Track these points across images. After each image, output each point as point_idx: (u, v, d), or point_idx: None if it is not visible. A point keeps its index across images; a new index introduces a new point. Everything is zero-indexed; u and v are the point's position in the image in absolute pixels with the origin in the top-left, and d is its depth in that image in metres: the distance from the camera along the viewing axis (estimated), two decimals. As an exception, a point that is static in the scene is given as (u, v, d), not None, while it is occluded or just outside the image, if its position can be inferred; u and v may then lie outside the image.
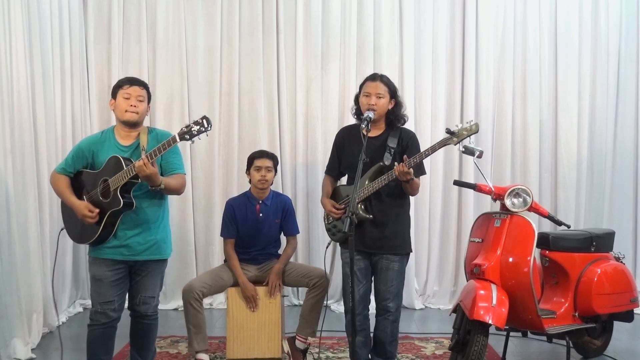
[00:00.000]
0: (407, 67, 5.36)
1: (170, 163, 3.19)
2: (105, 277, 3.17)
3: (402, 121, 3.47)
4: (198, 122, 2.87)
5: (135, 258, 3.19)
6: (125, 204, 3.05)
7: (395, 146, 3.37)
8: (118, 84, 3.21)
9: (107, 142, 3.21)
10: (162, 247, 3.27)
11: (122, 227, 3.15)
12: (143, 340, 3.36)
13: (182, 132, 2.88)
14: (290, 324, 4.34)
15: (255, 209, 4.07)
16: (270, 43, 5.38)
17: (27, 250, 4.20)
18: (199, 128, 2.86)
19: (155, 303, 3.32)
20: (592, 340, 3.97)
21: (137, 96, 3.15)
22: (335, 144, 3.62)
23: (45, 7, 4.53)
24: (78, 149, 3.26)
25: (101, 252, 3.18)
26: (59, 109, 4.78)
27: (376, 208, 3.37)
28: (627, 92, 5.45)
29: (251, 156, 4.11)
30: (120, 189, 3.04)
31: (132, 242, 3.16)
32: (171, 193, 3.23)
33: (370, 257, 3.44)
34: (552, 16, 5.40)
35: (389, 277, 3.39)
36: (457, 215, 5.45)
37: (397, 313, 3.46)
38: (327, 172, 3.67)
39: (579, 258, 3.77)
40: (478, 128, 3.21)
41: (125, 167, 3.01)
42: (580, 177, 5.44)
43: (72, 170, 3.24)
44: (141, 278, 3.25)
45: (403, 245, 3.46)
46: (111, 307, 3.18)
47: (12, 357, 3.90)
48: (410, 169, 3.18)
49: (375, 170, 3.33)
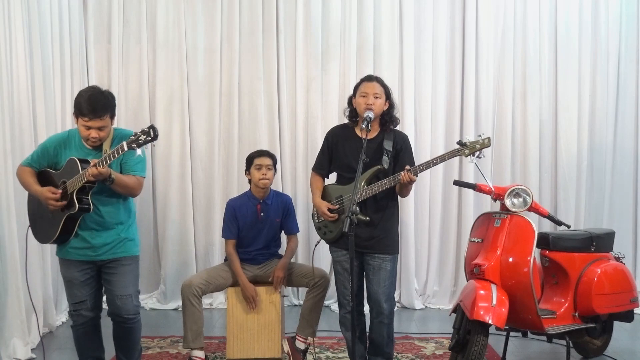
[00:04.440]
0: (407, 67, 5.36)
1: (128, 164, 3.19)
2: (75, 278, 3.20)
3: (395, 123, 3.46)
4: (145, 132, 2.90)
5: (101, 258, 3.20)
6: (80, 208, 3.05)
7: (391, 149, 3.37)
8: (78, 110, 3.04)
9: (72, 143, 3.20)
10: (128, 244, 3.26)
11: (85, 228, 3.16)
12: (127, 343, 3.35)
13: (130, 140, 2.91)
14: (290, 324, 4.34)
15: (257, 208, 4.07)
16: (270, 43, 5.37)
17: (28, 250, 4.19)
18: (145, 137, 2.90)
19: (135, 303, 3.28)
20: (592, 340, 3.97)
21: (98, 127, 3.07)
22: (326, 142, 3.58)
23: (45, 7, 4.53)
24: (44, 147, 3.25)
25: (68, 253, 3.21)
26: (59, 109, 4.77)
27: (370, 209, 3.36)
28: (627, 92, 5.45)
29: (250, 156, 4.11)
30: (77, 192, 3.04)
31: (96, 243, 3.18)
32: (123, 190, 3.16)
33: (361, 256, 3.41)
34: (552, 16, 5.40)
35: (381, 277, 3.37)
36: (457, 215, 5.44)
37: (391, 315, 3.44)
38: (315, 169, 3.63)
39: (579, 258, 3.78)
40: (490, 142, 3.25)
41: (81, 170, 3.01)
42: (580, 177, 5.44)
43: (38, 167, 3.24)
44: (112, 277, 3.23)
45: (392, 245, 3.45)
46: (84, 306, 3.22)
47: (12, 357, 3.90)
48: (415, 177, 3.22)
49: (373, 173, 3.33)
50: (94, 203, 3.11)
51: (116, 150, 2.94)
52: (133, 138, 2.91)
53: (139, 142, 2.89)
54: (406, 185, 3.27)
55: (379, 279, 3.37)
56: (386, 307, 3.39)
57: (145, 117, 5.34)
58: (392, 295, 3.45)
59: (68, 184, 3.08)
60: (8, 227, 3.96)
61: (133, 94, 5.39)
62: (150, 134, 2.89)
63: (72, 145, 3.19)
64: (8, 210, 3.97)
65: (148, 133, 2.89)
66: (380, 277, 3.37)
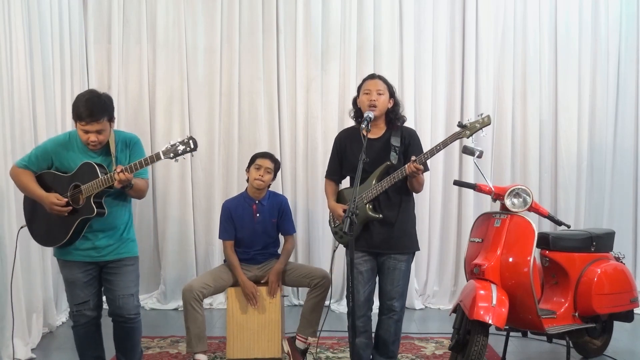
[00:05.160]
0: (407, 67, 5.36)
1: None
2: (78, 280, 3.21)
3: (401, 120, 3.47)
4: (184, 142, 2.91)
5: (105, 258, 3.21)
6: (99, 213, 3.08)
7: (399, 145, 3.37)
8: (76, 114, 3.02)
9: (74, 145, 3.17)
10: (130, 245, 3.29)
11: (90, 230, 3.16)
12: (127, 343, 3.35)
13: (167, 149, 2.91)
14: (290, 324, 4.34)
15: (252, 209, 4.07)
16: (270, 43, 5.38)
17: (28, 250, 4.20)
18: (185, 148, 2.90)
19: (136, 303, 3.29)
20: (592, 340, 3.97)
21: (96, 131, 3.06)
22: (335, 147, 3.58)
23: (45, 7, 4.53)
24: (44, 149, 3.22)
25: (70, 255, 3.20)
26: (59, 109, 4.77)
27: (384, 207, 3.36)
28: (627, 92, 5.45)
29: (255, 155, 4.13)
30: (94, 196, 3.05)
31: (100, 244, 3.19)
32: (137, 194, 3.21)
33: (376, 257, 3.42)
34: (552, 16, 5.40)
35: (395, 277, 3.38)
36: (457, 215, 5.45)
37: (402, 312, 3.46)
38: (328, 176, 3.63)
39: (579, 258, 3.78)
40: (490, 120, 3.23)
41: (100, 175, 3.01)
42: (580, 177, 5.44)
43: (36, 169, 3.20)
44: (114, 278, 3.24)
45: (411, 244, 3.46)
46: (87, 307, 3.23)
47: (12, 357, 3.90)
48: (421, 166, 3.19)
49: (383, 169, 3.32)
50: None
51: (150, 158, 2.95)
52: (171, 148, 2.91)
53: (177, 152, 2.90)
54: (416, 178, 3.26)
55: (393, 278, 3.39)
56: (397, 305, 3.41)
57: (145, 117, 5.35)
58: (405, 293, 3.47)
59: (83, 188, 3.07)
60: (8, 227, 3.96)
61: (133, 94, 5.39)
62: (190, 145, 2.91)
63: (75, 148, 3.17)
64: (8, 210, 3.97)
65: (187, 144, 2.91)
66: (394, 277, 3.39)
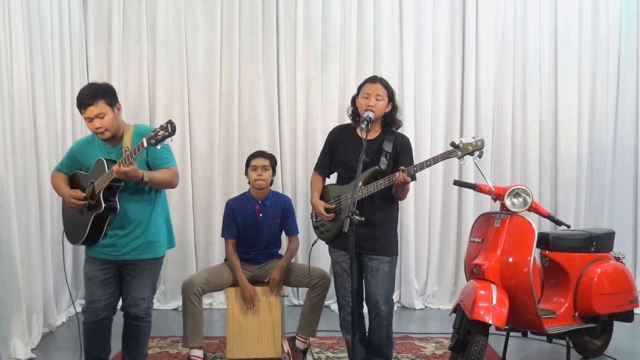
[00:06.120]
0: (407, 67, 5.36)
1: (156, 159, 3.18)
2: (94, 277, 3.20)
3: (397, 125, 3.46)
4: (163, 127, 2.91)
5: (123, 257, 3.20)
6: (107, 207, 3.06)
7: (390, 151, 3.37)
8: (77, 105, 3.09)
9: (96, 144, 3.22)
10: (153, 246, 3.25)
11: (111, 227, 3.16)
12: (134, 342, 3.34)
13: (149, 137, 2.91)
14: (290, 324, 4.34)
15: (255, 209, 4.07)
16: (270, 43, 5.38)
17: (28, 250, 4.20)
18: (164, 133, 2.90)
19: (147, 305, 3.28)
20: (592, 340, 3.97)
21: (95, 116, 3.07)
22: (328, 141, 3.58)
23: (45, 7, 4.53)
24: (70, 151, 3.33)
25: (92, 251, 3.22)
26: (59, 109, 4.78)
27: (367, 209, 3.34)
28: (627, 92, 5.45)
29: (248, 157, 4.13)
30: (104, 192, 3.05)
31: (119, 242, 3.17)
32: (161, 186, 3.22)
33: (360, 257, 3.40)
34: (552, 16, 5.40)
35: (379, 279, 3.36)
36: (457, 215, 5.45)
37: (390, 317, 3.43)
38: (317, 169, 3.63)
39: (579, 258, 3.78)
40: (483, 144, 3.23)
41: (107, 169, 3.03)
42: (580, 177, 5.44)
43: (67, 171, 3.30)
44: (131, 278, 3.23)
45: (391, 247, 3.44)
46: (97, 305, 3.20)
47: (12, 357, 3.90)
48: (409, 177, 3.20)
49: (370, 173, 3.32)
50: (120, 202, 3.12)
51: (137, 147, 2.94)
52: (152, 134, 2.91)
53: (157, 138, 2.90)
54: (402, 187, 3.26)
55: (377, 280, 3.36)
56: (384, 309, 3.38)
57: (145, 117, 5.34)
58: (391, 297, 3.44)
59: (95, 184, 3.09)
60: (8, 227, 3.96)
61: (133, 94, 5.39)
62: (168, 129, 2.90)
63: (96, 146, 3.22)
64: (8, 210, 3.97)
65: (166, 128, 2.91)
66: (378, 279, 3.36)
